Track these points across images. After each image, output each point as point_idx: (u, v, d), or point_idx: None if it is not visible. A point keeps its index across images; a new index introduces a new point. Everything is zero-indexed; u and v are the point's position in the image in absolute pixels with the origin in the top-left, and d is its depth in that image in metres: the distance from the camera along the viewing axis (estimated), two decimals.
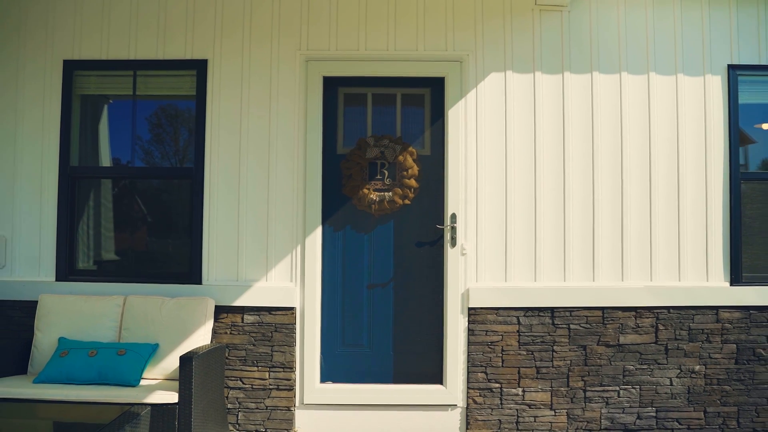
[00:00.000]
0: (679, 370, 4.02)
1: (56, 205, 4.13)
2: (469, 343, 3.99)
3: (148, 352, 3.62)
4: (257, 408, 3.99)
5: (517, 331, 4.00)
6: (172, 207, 4.28)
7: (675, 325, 4.02)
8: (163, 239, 4.28)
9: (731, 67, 4.14)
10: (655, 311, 4.03)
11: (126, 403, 3.06)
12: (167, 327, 3.76)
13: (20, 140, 4.17)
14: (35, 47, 4.20)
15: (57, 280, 4.10)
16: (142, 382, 3.56)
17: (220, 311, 3.98)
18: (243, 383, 4.00)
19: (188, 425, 3.27)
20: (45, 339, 3.78)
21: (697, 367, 4.02)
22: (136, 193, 4.29)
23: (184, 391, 3.27)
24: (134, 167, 4.26)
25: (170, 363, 3.67)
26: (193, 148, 4.12)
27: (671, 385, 4.01)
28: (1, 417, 2.73)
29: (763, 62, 4.17)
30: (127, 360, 3.51)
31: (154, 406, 3.21)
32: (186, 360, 3.29)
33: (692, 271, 4.08)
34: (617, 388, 4.02)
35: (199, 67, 4.13)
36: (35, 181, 4.16)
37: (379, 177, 4.12)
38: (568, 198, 4.06)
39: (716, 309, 4.03)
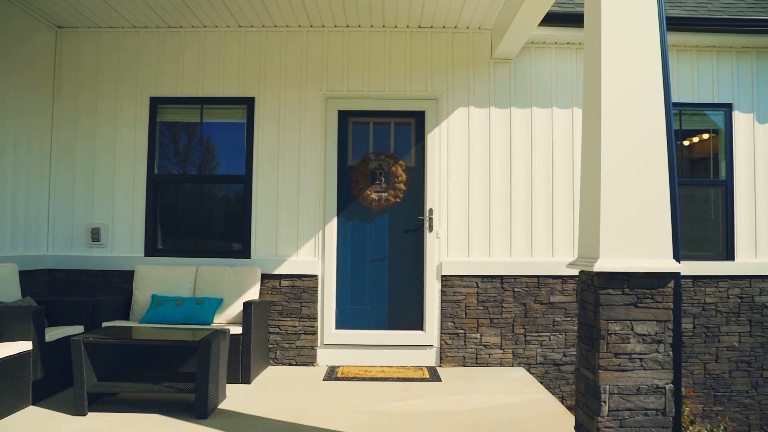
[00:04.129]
0: None
1: (144, 201, 5.71)
2: (442, 301, 5.57)
3: (217, 303, 5.19)
4: (290, 347, 5.56)
5: (476, 293, 5.58)
6: (229, 203, 5.86)
7: None
8: (222, 226, 5.85)
9: None
10: (576, 278, 5.60)
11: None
12: (228, 287, 5.33)
13: (118, 155, 5.75)
14: (128, 87, 5.79)
15: (145, 255, 5.68)
16: (214, 324, 5.13)
17: (264, 278, 5.56)
18: (280, 329, 5.57)
19: (248, 349, 4.84)
20: (141, 296, 5.36)
21: None
22: (202, 193, 5.87)
23: (246, 325, 4.85)
24: (201, 174, 5.85)
25: (232, 311, 5.24)
26: (244, 160, 5.71)
27: None
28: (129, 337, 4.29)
29: None
30: (203, 308, 5.09)
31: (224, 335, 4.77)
32: (247, 304, 4.87)
33: None
34: (549, 334, 5.59)
35: (248, 103, 5.73)
36: (128, 185, 5.75)
37: (377, 182, 5.70)
38: (513, 197, 5.64)
39: None
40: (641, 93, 2.76)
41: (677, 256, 2.72)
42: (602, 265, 2.63)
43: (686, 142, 6.15)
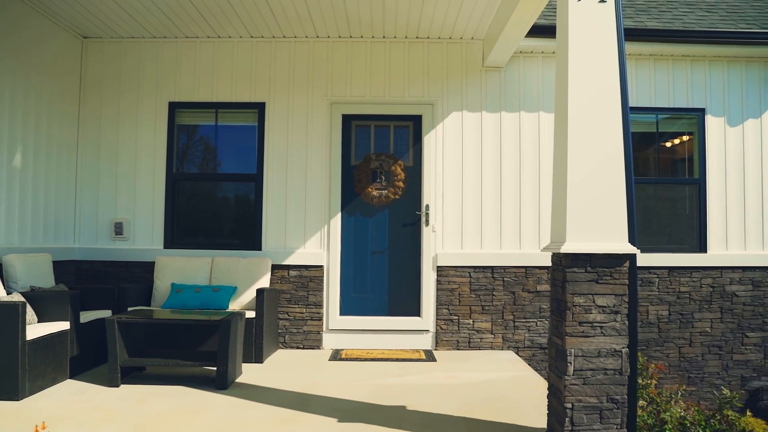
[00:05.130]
0: None
1: (164, 198, 6.20)
2: (438, 290, 6.05)
3: (232, 291, 5.67)
4: (297, 332, 6.05)
5: (469, 282, 6.06)
6: (242, 199, 6.35)
7: None
8: (236, 220, 6.34)
9: None
10: None
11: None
12: (241, 276, 5.81)
13: (139, 156, 6.24)
14: (148, 93, 6.28)
15: (164, 247, 6.17)
16: (229, 309, 5.60)
17: (274, 268, 6.04)
18: (288, 315, 6.05)
19: (261, 331, 5.33)
20: (161, 284, 5.84)
21: None
22: (217, 190, 6.36)
23: (259, 309, 5.34)
24: (216, 173, 6.34)
25: (245, 298, 5.73)
26: (255, 159, 6.20)
27: None
28: (151, 320, 4.78)
29: (634, 105, 6.25)
30: (219, 294, 5.57)
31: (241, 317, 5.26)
32: (260, 291, 5.36)
33: None
34: (536, 320, 6.07)
35: (260, 107, 6.22)
36: (149, 183, 6.23)
37: (378, 180, 6.20)
38: (503, 193, 6.13)
39: None
40: (602, 105, 3.25)
41: (633, 241, 3.20)
42: (568, 248, 3.12)
43: (668, 144, 6.65)
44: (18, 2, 5.28)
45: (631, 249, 3.15)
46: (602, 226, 3.15)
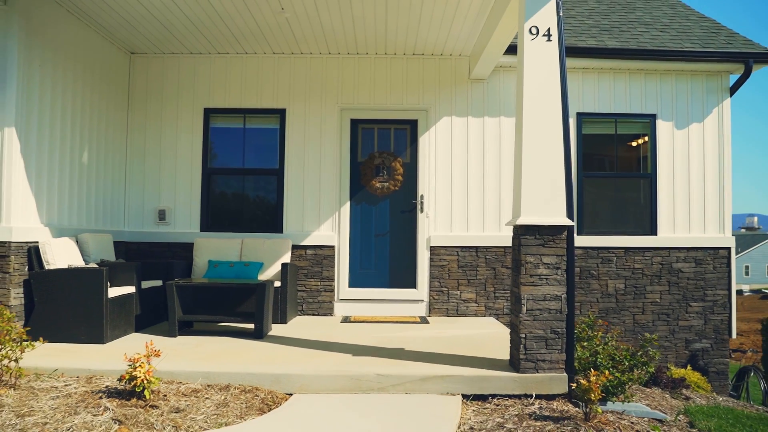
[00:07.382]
0: None
1: (200, 189, 7.35)
2: (431, 266, 7.22)
3: (259, 266, 6.83)
4: (313, 302, 7.21)
5: (457, 260, 7.23)
6: (266, 190, 7.50)
7: None
8: (261, 208, 7.49)
9: (579, 114, 7.40)
10: None
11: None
12: (267, 254, 6.97)
13: (179, 153, 7.39)
14: (186, 100, 7.43)
15: (201, 231, 7.32)
16: (258, 280, 6.75)
17: (293, 248, 7.20)
18: (305, 288, 7.21)
19: (285, 298, 6.49)
20: (200, 261, 7.00)
21: None
22: (245, 182, 7.51)
23: (283, 279, 6.50)
24: (243, 168, 7.49)
25: (270, 272, 6.88)
26: (277, 156, 7.36)
27: None
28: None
29: (596, 111, 7.43)
30: (250, 268, 6.73)
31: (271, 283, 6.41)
32: (284, 265, 6.53)
33: None
34: None
35: (281, 113, 7.38)
36: (187, 176, 7.38)
37: (381, 174, 7.35)
38: (485, 184, 7.29)
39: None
40: (547, 113, 4.40)
41: (570, 216, 4.36)
42: (522, 221, 4.28)
43: (634, 143, 7.81)
44: (81, 25, 6.42)
45: (568, 222, 4.32)
46: (547, 206, 4.31)
